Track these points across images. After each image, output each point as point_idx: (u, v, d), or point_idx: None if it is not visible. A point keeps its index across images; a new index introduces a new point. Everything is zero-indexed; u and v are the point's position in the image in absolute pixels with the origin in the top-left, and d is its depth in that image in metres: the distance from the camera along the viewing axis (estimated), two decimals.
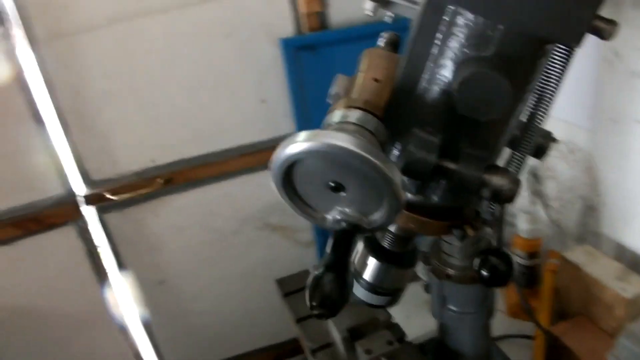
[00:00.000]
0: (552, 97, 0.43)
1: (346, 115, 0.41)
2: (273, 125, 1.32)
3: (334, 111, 0.41)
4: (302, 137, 0.36)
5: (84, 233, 1.27)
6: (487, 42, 0.40)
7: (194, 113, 1.26)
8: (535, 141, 0.46)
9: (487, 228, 0.46)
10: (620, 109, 1.00)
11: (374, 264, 0.55)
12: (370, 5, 0.57)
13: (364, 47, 0.51)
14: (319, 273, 0.39)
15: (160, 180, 1.27)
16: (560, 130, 1.17)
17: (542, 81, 0.43)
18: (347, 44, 1.24)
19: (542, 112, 0.43)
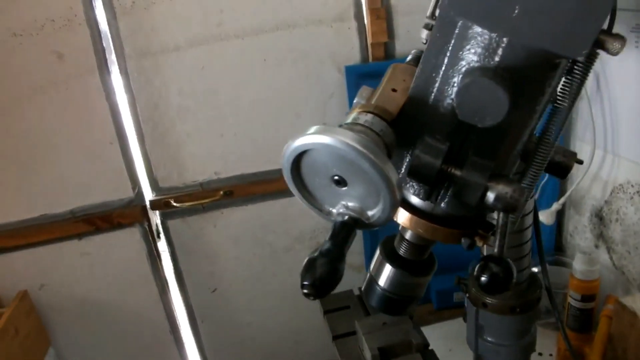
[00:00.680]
0: (565, 112, 0.43)
1: (357, 117, 0.45)
2: None
3: (349, 115, 0.45)
4: (312, 131, 0.40)
5: (147, 235, 1.37)
6: (493, 53, 0.42)
7: (258, 131, 1.34)
8: (558, 160, 0.47)
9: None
10: None
11: (390, 270, 0.57)
12: (425, 34, 0.61)
13: None
14: (314, 256, 0.42)
15: (222, 192, 1.35)
16: (628, 170, 1.16)
17: (559, 95, 0.43)
18: None
19: (556, 127, 0.44)
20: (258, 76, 1.30)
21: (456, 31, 0.43)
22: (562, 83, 0.43)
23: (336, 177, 0.42)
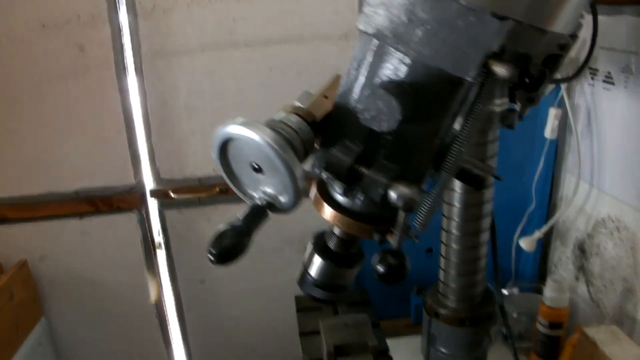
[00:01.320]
0: (469, 126, 0.48)
1: (282, 116, 0.52)
2: None
3: (278, 113, 0.52)
4: (235, 122, 0.47)
5: (144, 222, 1.45)
6: (400, 69, 0.49)
7: None
8: (475, 172, 0.53)
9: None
10: None
11: (318, 261, 0.63)
12: None
13: None
14: (224, 229, 0.49)
15: (218, 189, 1.43)
16: (609, 206, 1.18)
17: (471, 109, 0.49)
18: None
19: (462, 138, 0.48)
20: (263, 84, 1.38)
21: (372, 47, 0.50)
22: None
23: (255, 165, 0.49)
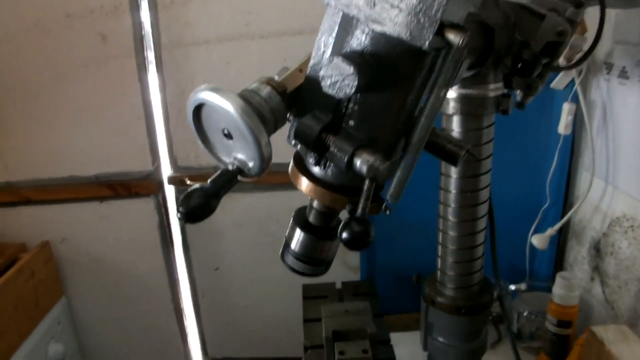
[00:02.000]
0: (434, 98, 0.49)
1: (253, 86, 0.54)
2: None
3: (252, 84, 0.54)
4: (203, 87, 0.49)
5: (160, 207, 1.50)
6: (364, 40, 0.50)
7: None
8: (449, 148, 0.54)
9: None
10: None
11: (299, 234, 0.63)
12: None
13: None
14: (193, 188, 0.51)
15: None
16: (624, 204, 1.16)
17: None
18: None
19: (428, 111, 0.49)
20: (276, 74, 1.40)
21: (337, 19, 0.51)
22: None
23: (225, 131, 0.51)
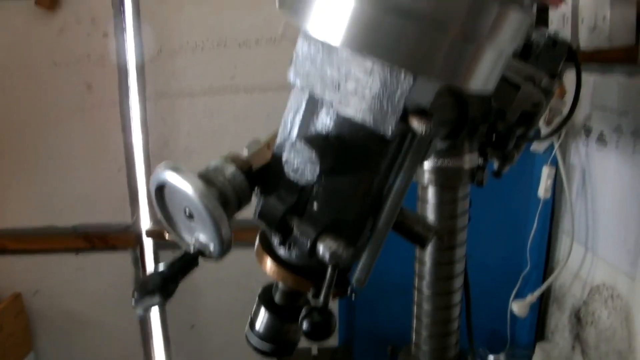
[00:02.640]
0: (401, 181, 0.47)
1: (215, 162, 0.51)
2: None
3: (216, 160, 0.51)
4: (164, 166, 0.46)
5: (137, 261, 1.45)
6: (328, 122, 0.47)
7: None
8: (416, 230, 0.49)
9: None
10: None
11: (263, 314, 0.60)
12: None
13: None
14: (151, 273, 0.49)
15: None
16: (603, 272, 1.12)
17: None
18: None
19: (396, 193, 0.46)
20: (260, 128, 1.36)
21: (303, 100, 0.49)
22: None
23: (187, 211, 0.47)
